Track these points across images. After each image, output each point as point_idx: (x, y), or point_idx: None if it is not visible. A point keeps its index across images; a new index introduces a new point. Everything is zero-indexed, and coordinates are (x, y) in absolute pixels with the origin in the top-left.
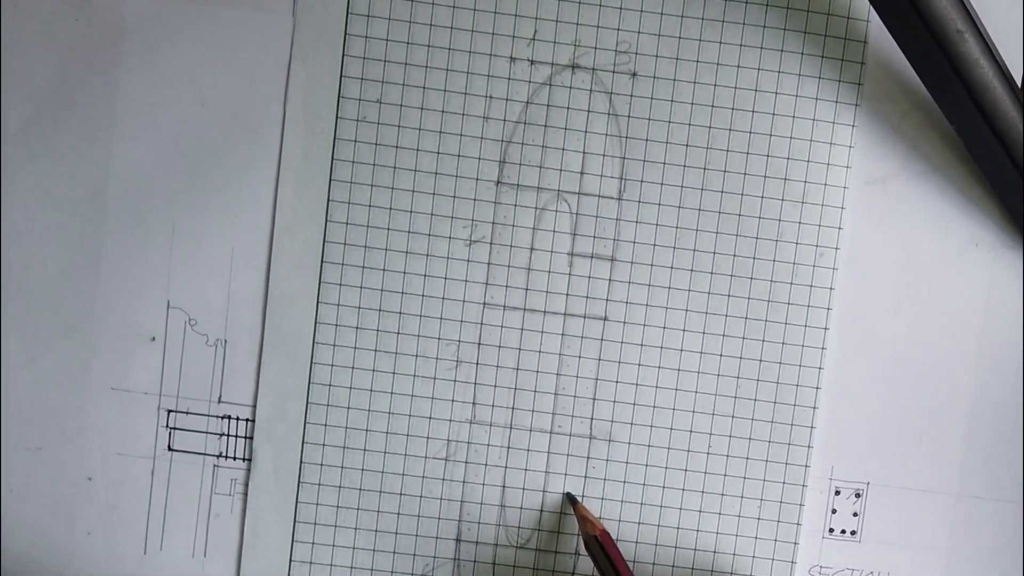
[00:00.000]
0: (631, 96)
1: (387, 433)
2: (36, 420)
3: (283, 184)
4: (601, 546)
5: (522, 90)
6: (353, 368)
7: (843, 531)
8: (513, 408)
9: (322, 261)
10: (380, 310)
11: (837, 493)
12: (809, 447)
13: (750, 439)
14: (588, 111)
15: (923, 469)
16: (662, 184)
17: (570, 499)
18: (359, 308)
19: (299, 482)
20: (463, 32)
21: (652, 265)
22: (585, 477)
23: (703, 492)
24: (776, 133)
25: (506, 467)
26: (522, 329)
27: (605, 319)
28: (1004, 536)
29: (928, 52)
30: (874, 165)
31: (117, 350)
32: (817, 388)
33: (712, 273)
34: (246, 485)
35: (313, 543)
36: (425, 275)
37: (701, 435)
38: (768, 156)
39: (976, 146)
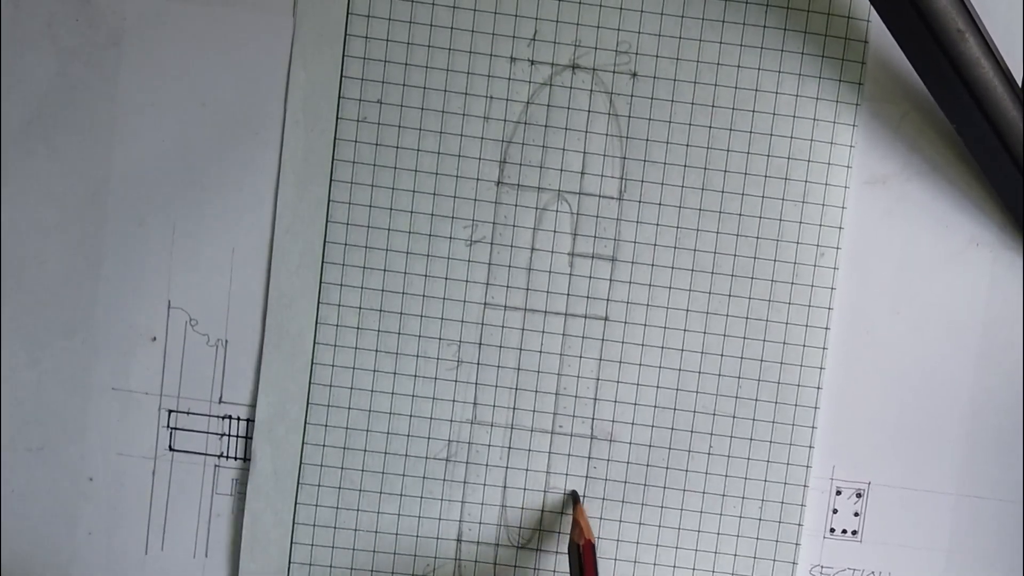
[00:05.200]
0: (631, 96)
1: (388, 434)
2: (37, 420)
3: (283, 184)
4: (579, 556)
5: (522, 90)
6: (354, 369)
7: (844, 531)
8: (514, 408)
9: (323, 261)
10: (381, 310)
11: (838, 493)
12: (810, 447)
13: (751, 439)
14: (588, 111)
15: (924, 469)
16: (663, 184)
17: (573, 498)
18: (360, 308)
19: (298, 483)
20: (463, 32)
21: (653, 265)
22: (586, 477)
23: (704, 493)
24: (777, 133)
25: (507, 467)
26: (523, 329)
27: (606, 319)
28: (1004, 536)
29: (928, 52)
30: (874, 165)
31: (118, 350)
32: (818, 388)
33: (713, 273)
34: (244, 485)
35: (312, 544)
36: (426, 275)
37: (702, 435)
38: (769, 156)
39: (976, 146)
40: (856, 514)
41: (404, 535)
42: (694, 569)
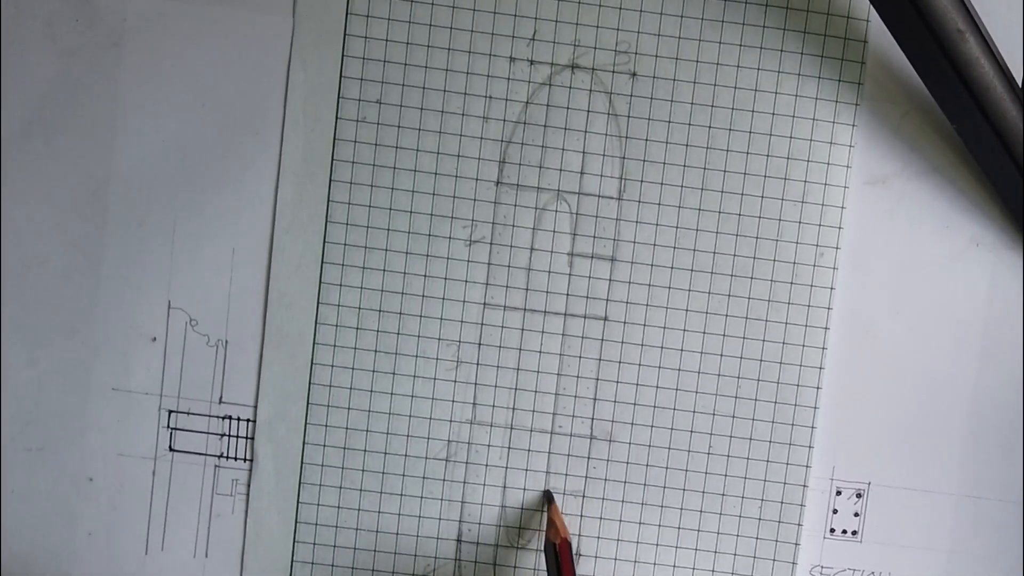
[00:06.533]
0: (631, 96)
1: (388, 434)
2: (37, 420)
3: (283, 185)
4: (556, 555)
5: (522, 90)
6: (353, 369)
7: (844, 531)
8: (514, 408)
9: (322, 261)
10: (380, 311)
11: (838, 493)
12: (810, 447)
13: (751, 439)
14: (588, 111)
15: (924, 469)
16: (662, 184)
17: (547, 497)
18: (359, 309)
19: (300, 483)
20: (462, 32)
21: (652, 265)
22: (586, 477)
23: (704, 492)
24: (776, 133)
25: (507, 468)
26: (522, 329)
27: (605, 319)
28: (1004, 536)
29: (928, 52)
30: (874, 165)
31: (118, 351)
32: (818, 388)
33: (712, 273)
34: (247, 485)
35: (314, 543)
36: (425, 275)
37: (702, 435)
38: (768, 156)
39: (976, 146)
40: (856, 514)
41: (404, 535)
42: (694, 569)
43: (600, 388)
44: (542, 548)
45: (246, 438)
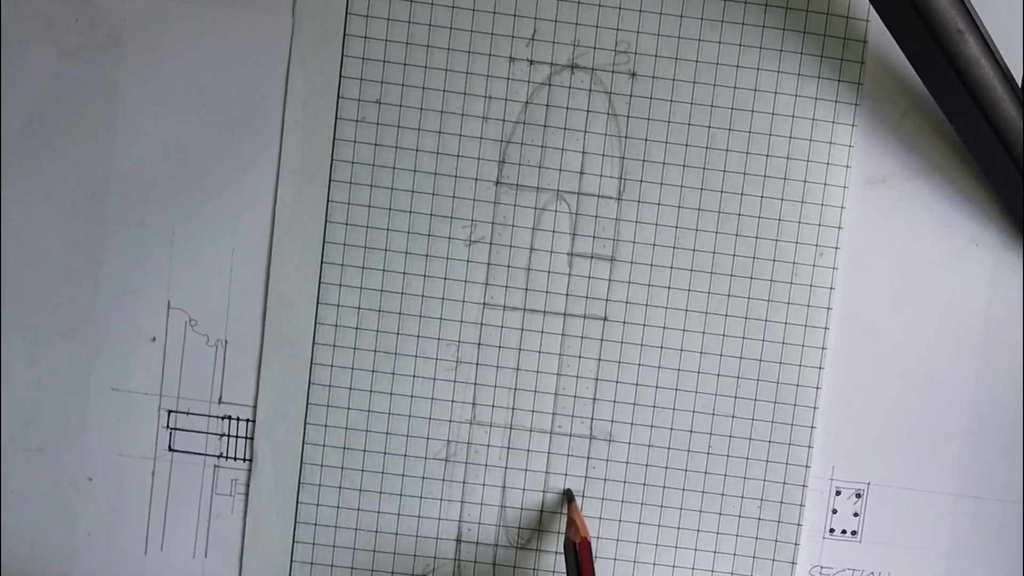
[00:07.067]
0: (630, 96)
1: (387, 434)
2: (37, 420)
3: (283, 185)
4: (576, 554)
5: (521, 90)
6: (353, 369)
7: (844, 531)
8: (513, 408)
9: (322, 262)
10: (380, 311)
11: (838, 493)
12: (809, 447)
13: (750, 439)
14: (587, 111)
15: (923, 469)
16: (661, 184)
17: (568, 496)
18: (359, 309)
19: (299, 483)
20: (462, 32)
21: (652, 265)
22: (585, 477)
23: (703, 492)
24: (776, 133)
25: (506, 468)
26: (522, 329)
27: (605, 319)
28: (1004, 536)
29: (928, 52)
30: (874, 165)
31: (118, 351)
32: (817, 388)
33: (712, 273)
34: (247, 486)
35: (314, 543)
36: (425, 275)
37: (701, 435)
38: (768, 156)
39: (976, 146)
40: (856, 514)
41: (404, 535)
42: (693, 569)
43: (599, 388)
44: (541, 548)
45: (245, 438)
